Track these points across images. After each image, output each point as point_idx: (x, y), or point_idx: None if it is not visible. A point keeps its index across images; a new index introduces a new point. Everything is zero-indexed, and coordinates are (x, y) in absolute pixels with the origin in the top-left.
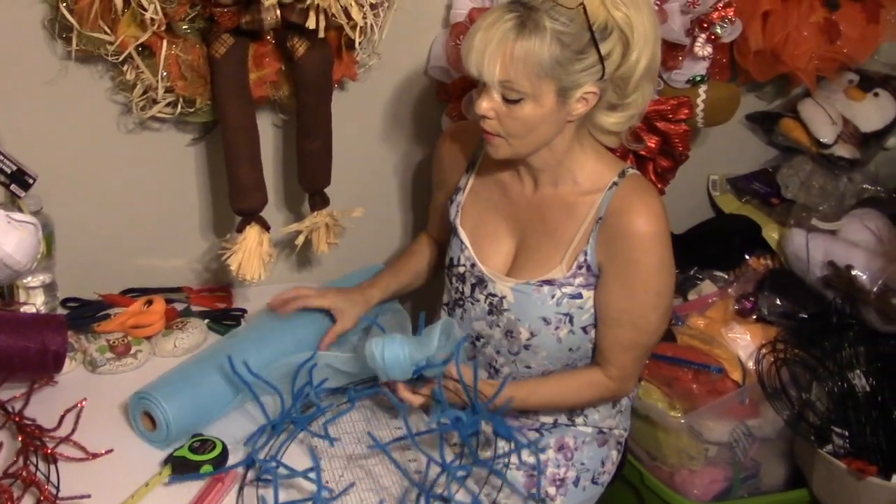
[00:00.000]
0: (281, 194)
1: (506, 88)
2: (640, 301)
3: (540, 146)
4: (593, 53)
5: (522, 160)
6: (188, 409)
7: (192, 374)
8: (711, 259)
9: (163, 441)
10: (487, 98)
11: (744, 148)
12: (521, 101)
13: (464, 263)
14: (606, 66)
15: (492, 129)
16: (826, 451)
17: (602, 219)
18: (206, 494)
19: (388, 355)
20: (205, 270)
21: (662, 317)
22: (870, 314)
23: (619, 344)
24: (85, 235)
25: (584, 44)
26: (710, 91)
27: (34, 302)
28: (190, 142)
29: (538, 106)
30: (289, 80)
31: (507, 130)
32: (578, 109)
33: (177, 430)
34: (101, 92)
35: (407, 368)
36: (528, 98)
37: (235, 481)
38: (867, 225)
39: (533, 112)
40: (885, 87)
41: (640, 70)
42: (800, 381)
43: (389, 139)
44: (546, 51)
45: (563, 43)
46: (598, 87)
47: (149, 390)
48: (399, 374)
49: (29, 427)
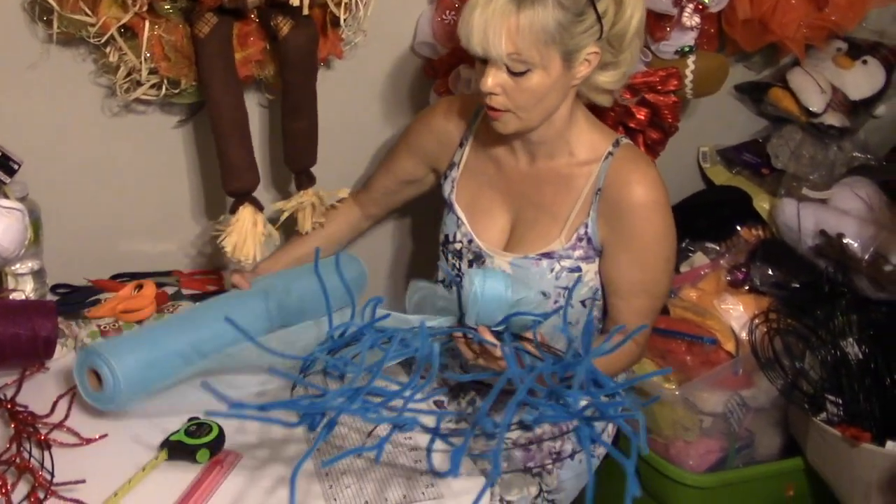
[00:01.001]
0: (267, 174)
1: (514, 61)
2: (652, 269)
3: (548, 116)
4: (591, 13)
5: (522, 134)
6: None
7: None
8: (703, 231)
9: (109, 401)
10: (493, 74)
11: (733, 119)
12: (528, 73)
13: (460, 240)
14: (604, 24)
15: (500, 104)
16: (820, 420)
17: (601, 190)
18: (205, 478)
19: (488, 287)
20: (195, 254)
21: (671, 278)
22: (861, 282)
23: (637, 313)
24: (72, 221)
25: (583, 4)
26: (698, 61)
27: (23, 289)
28: (176, 123)
29: (546, 75)
30: (274, 59)
31: (516, 104)
32: (582, 72)
33: (126, 388)
34: (85, 75)
35: (504, 306)
36: (535, 68)
37: (234, 464)
38: (857, 193)
39: (541, 81)
40: (873, 54)
41: (633, 26)
42: (793, 350)
43: (376, 117)
44: (550, 17)
45: (564, 6)
46: (599, 47)
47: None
48: (494, 312)
49: (21, 414)
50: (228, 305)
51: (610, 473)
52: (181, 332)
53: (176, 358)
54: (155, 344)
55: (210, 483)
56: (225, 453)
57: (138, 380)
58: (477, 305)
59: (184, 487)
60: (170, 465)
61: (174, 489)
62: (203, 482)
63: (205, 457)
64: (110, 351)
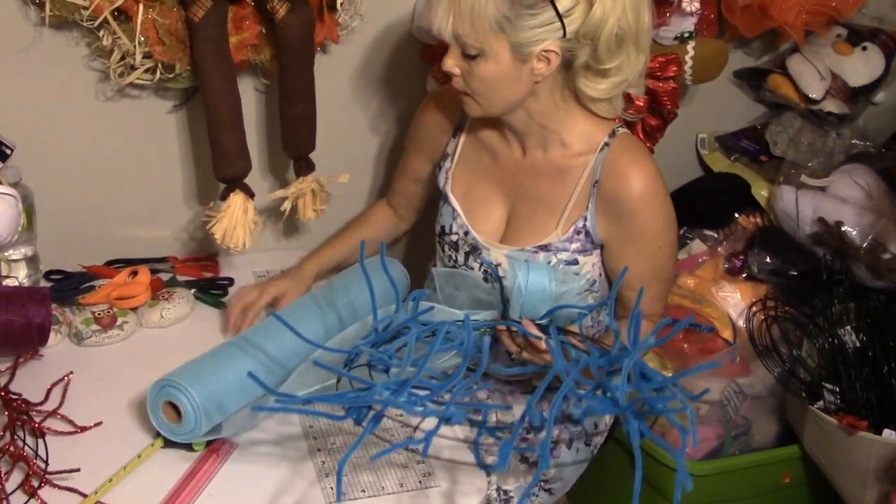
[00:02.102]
0: (265, 161)
1: (460, 44)
2: (660, 257)
3: (510, 106)
4: (548, 9)
5: (507, 124)
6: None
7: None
8: (701, 218)
9: (188, 433)
10: (450, 54)
11: (732, 105)
12: (478, 58)
13: (456, 231)
14: (567, 23)
15: (459, 86)
16: (817, 408)
17: (598, 182)
18: (200, 467)
19: (532, 280)
20: (190, 240)
21: (676, 257)
22: (860, 270)
23: (650, 298)
24: (66, 207)
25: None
26: (698, 47)
27: (16, 275)
28: (171, 108)
29: (495, 63)
30: (270, 44)
31: (471, 88)
32: (541, 69)
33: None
34: (78, 59)
35: (547, 299)
36: (483, 55)
37: (230, 453)
38: (856, 180)
39: (491, 69)
40: (873, 40)
41: (608, 29)
42: (790, 338)
43: (374, 102)
44: (491, 5)
45: None
46: (560, 47)
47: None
48: (538, 304)
49: (15, 401)
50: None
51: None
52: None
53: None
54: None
55: (206, 472)
56: (221, 442)
57: (215, 408)
58: (522, 298)
59: (179, 475)
60: (165, 453)
61: (170, 477)
62: (199, 471)
63: (201, 445)
64: (189, 381)
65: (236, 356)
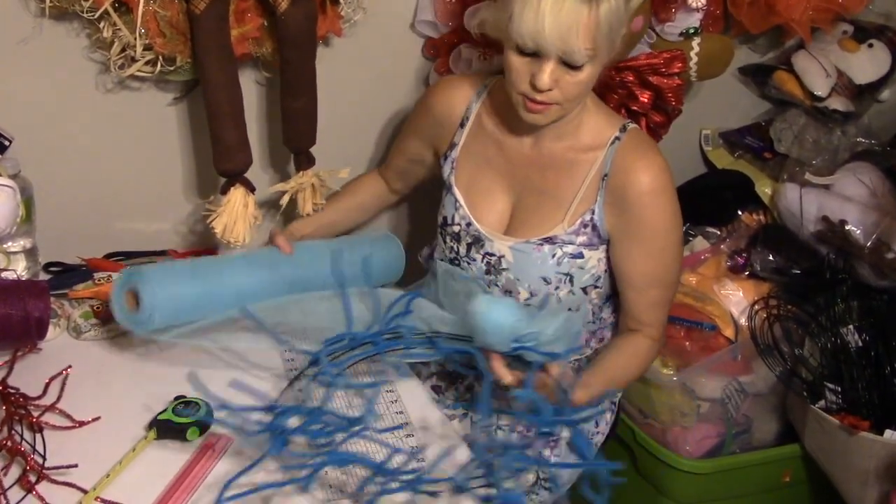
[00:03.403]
0: (266, 154)
1: (585, 56)
2: (664, 258)
3: (582, 101)
4: None
5: None
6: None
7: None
8: (704, 215)
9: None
10: (550, 70)
11: (736, 101)
12: (584, 65)
13: (458, 222)
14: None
15: (552, 99)
16: (818, 407)
17: (608, 176)
18: (196, 461)
19: (492, 317)
20: (189, 233)
21: (681, 264)
22: (863, 269)
23: (652, 304)
24: (65, 199)
25: None
26: (703, 44)
27: (15, 268)
28: (171, 101)
29: (598, 63)
30: (271, 37)
31: (567, 96)
32: (617, 48)
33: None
34: (78, 50)
35: (505, 340)
36: (591, 60)
37: (225, 448)
38: (861, 179)
39: (594, 70)
40: (879, 37)
41: None
42: (792, 336)
43: (376, 96)
44: (622, 10)
45: None
46: None
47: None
48: (494, 342)
49: (13, 396)
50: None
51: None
52: (228, 276)
53: (218, 299)
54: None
55: (202, 468)
56: (216, 437)
57: (173, 310)
58: (481, 331)
59: (175, 468)
60: (160, 445)
61: (166, 470)
62: (194, 466)
63: (195, 434)
64: (157, 277)
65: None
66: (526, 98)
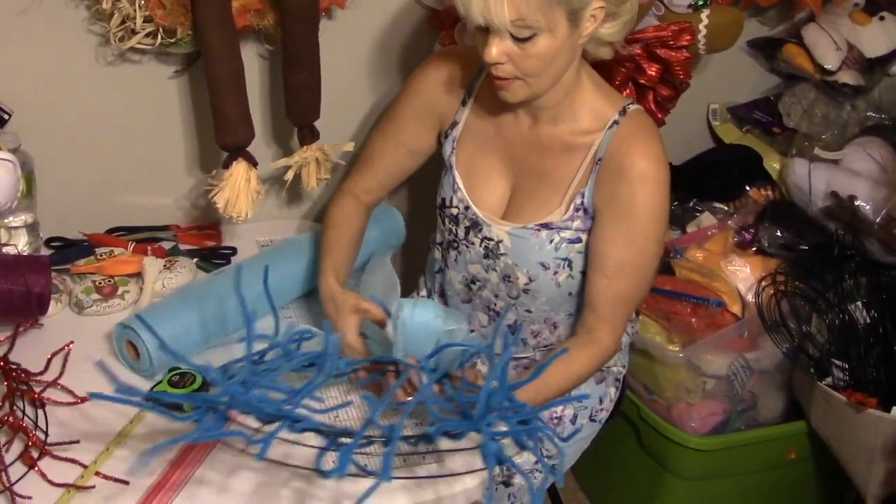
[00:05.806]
0: (269, 128)
1: (518, 28)
2: (642, 249)
3: (557, 80)
4: None
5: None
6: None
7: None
8: (711, 190)
9: (147, 370)
10: (497, 42)
11: (745, 75)
12: (533, 38)
13: (456, 205)
14: None
15: (507, 73)
16: (825, 384)
17: (602, 159)
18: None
19: (417, 318)
20: (192, 208)
21: (657, 265)
22: (872, 245)
23: (617, 297)
24: (66, 173)
25: None
26: (712, 16)
27: (16, 243)
28: (172, 74)
29: (552, 37)
30: (273, 8)
31: (524, 71)
32: (588, 29)
33: (159, 361)
34: (78, 22)
35: (433, 337)
36: (541, 32)
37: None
38: (871, 154)
39: (548, 45)
40: (891, 10)
41: None
42: (800, 313)
43: (380, 69)
44: None
45: None
46: (605, 0)
47: (130, 321)
48: (422, 342)
49: (15, 371)
50: None
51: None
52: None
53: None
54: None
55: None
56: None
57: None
58: (406, 334)
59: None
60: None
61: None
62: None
63: (191, 407)
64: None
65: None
66: (493, 74)
